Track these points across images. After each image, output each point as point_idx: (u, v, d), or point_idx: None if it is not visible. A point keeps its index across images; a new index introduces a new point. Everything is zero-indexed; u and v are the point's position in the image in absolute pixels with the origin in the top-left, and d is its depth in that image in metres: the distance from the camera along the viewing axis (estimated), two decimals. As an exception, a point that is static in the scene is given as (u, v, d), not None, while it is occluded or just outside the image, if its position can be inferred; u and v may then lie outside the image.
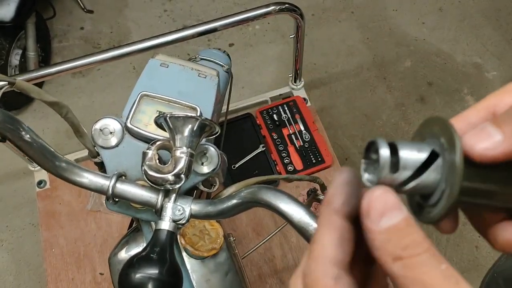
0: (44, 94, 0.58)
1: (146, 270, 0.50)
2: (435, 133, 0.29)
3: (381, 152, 0.27)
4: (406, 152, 0.28)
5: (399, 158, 0.28)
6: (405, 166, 0.28)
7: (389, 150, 0.28)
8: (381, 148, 0.28)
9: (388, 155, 0.27)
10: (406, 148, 0.28)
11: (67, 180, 0.57)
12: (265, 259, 1.29)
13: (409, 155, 0.28)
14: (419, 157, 0.28)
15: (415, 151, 0.28)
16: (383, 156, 0.27)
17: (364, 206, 0.26)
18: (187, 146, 0.55)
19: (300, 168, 1.39)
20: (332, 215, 0.27)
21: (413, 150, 0.28)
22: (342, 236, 0.26)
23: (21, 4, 1.73)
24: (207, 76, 0.71)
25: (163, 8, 2.32)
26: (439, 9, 2.30)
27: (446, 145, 0.28)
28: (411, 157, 0.28)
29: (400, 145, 0.28)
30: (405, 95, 2.06)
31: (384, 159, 0.27)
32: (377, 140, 0.28)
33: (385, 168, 0.27)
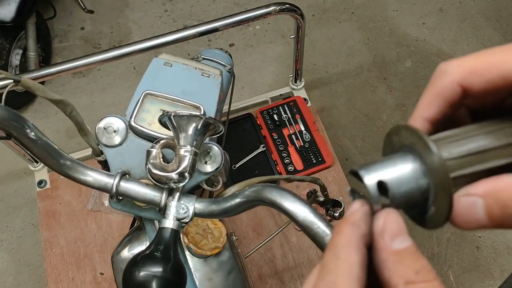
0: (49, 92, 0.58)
1: (150, 268, 0.50)
2: (401, 141, 0.30)
3: (365, 181, 0.28)
4: (389, 172, 0.28)
5: (385, 180, 0.28)
6: (394, 185, 0.28)
7: (373, 178, 0.28)
8: (364, 177, 0.28)
9: (374, 183, 0.28)
10: (387, 167, 0.28)
11: (71, 178, 0.57)
12: (265, 259, 1.29)
13: (392, 173, 0.28)
14: (402, 171, 0.28)
15: (397, 165, 0.28)
16: (369, 185, 0.28)
17: (378, 226, 0.27)
18: (191, 145, 0.55)
19: (301, 168, 1.39)
20: (360, 239, 0.27)
21: (395, 165, 0.28)
22: (363, 260, 0.27)
23: (21, 4, 1.73)
24: (211, 75, 0.71)
25: (163, 9, 2.33)
26: (440, 10, 2.31)
27: (419, 149, 0.28)
28: (395, 174, 0.28)
29: (380, 166, 0.28)
30: (406, 96, 2.06)
31: (373, 191, 0.28)
32: (357, 170, 0.29)
33: (377, 197, 0.28)
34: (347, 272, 0.26)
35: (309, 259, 1.29)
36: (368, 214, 0.28)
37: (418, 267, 0.25)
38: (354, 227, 0.28)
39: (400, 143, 0.30)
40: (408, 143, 0.29)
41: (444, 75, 0.30)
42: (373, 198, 0.28)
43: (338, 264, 0.27)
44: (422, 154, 0.28)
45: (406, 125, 0.29)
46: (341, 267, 0.27)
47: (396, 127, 0.30)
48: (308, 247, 1.30)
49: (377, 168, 0.29)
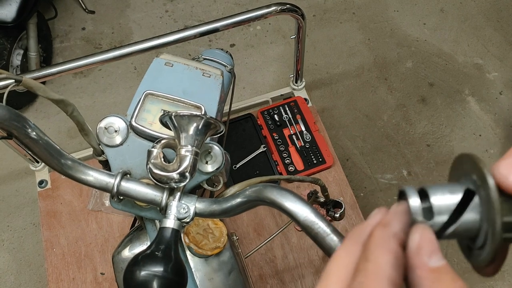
0: (50, 92, 0.58)
1: (151, 268, 0.50)
2: (466, 171, 0.28)
3: (410, 202, 0.27)
4: (438, 197, 0.27)
5: (431, 205, 0.27)
6: (440, 211, 0.27)
7: (419, 199, 0.27)
8: (410, 198, 0.27)
9: (418, 204, 0.27)
10: (437, 193, 0.27)
11: (72, 177, 0.57)
12: (266, 260, 1.29)
13: (441, 200, 0.27)
14: (452, 200, 0.27)
15: (447, 194, 0.27)
16: (413, 206, 0.27)
17: (414, 241, 0.26)
18: (192, 145, 0.55)
19: (301, 168, 1.39)
20: (390, 238, 0.27)
21: (445, 193, 0.27)
22: (397, 259, 0.26)
23: (22, 4, 1.73)
24: (212, 75, 0.71)
25: (164, 9, 2.33)
26: (440, 10, 2.31)
27: (478, 181, 0.27)
28: (444, 201, 0.27)
29: (431, 191, 0.27)
30: (406, 96, 2.06)
31: (414, 209, 0.27)
32: (405, 189, 0.28)
33: (418, 217, 0.27)
34: (377, 272, 0.26)
35: (310, 259, 1.29)
36: (404, 213, 0.27)
37: (456, 286, 0.24)
38: (386, 228, 0.27)
39: (463, 172, 0.29)
40: (468, 173, 0.28)
41: None
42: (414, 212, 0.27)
43: (367, 266, 0.26)
44: (479, 186, 0.27)
45: (470, 154, 0.28)
46: (371, 269, 0.26)
47: (462, 156, 0.29)
48: (308, 247, 1.30)
49: (427, 189, 0.28)
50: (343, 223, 1.32)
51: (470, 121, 2.00)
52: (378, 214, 0.30)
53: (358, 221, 1.34)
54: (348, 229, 1.33)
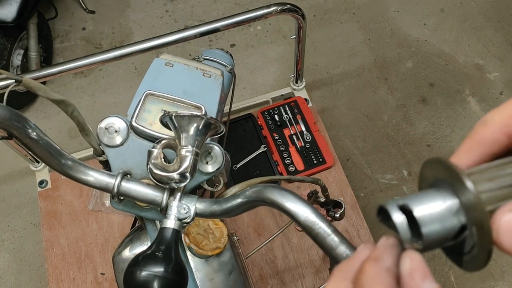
0: (50, 92, 0.58)
1: (152, 268, 0.50)
2: (439, 176, 0.28)
3: (394, 218, 0.26)
4: (421, 209, 0.26)
5: (416, 220, 0.26)
6: (425, 223, 0.26)
7: (402, 214, 0.26)
8: (393, 214, 0.26)
9: (402, 220, 0.26)
10: (418, 204, 0.26)
11: (72, 178, 0.57)
12: (266, 260, 1.29)
13: (424, 211, 0.26)
14: (436, 209, 0.26)
15: (428, 203, 0.27)
16: (398, 222, 0.26)
17: (406, 267, 0.26)
18: (192, 145, 0.55)
19: (301, 168, 1.39)
20: (384, 272, 0.27)
21: (426, 202, 0.27)
22: None
23: (23, 4, 1.73)
24: (212, 75, 0.71)
25: (164, 9, 2.33)
26: (441, 10, 2.31)
27: (456, 186, 0.26)
28: (427, 211, 0.26)
29: (411, 202, 0.27)
30: (407, 96, 2.06)
31: (400, 225, 0.26)
32: (386, 206, 0.27)
33: (407, 234, 0.26)
34: None
35: (310, 260, 1.29)
36: (393, 246, 0.27)
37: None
38: (378, 262, 0.27)
39: (434, 177, 0.28)
40: (441, 178, 0.27)
41: (485, 124, 0.30)
42: (403, 236, 0.26)
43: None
44: (456, 189, 0.26)
45: (439, 158, 0.28)
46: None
47: (430, 160, 0.28)
48: (309, 247, 1.30)
49: (407, 203, 0.27)
50: (344, 223, 1.32)
51: (471, 121, 2.00)
52: (365, 249, 0.30)
53: (358, 221, 1.34)
54: (349, 229, 1.33)
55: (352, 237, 1.31)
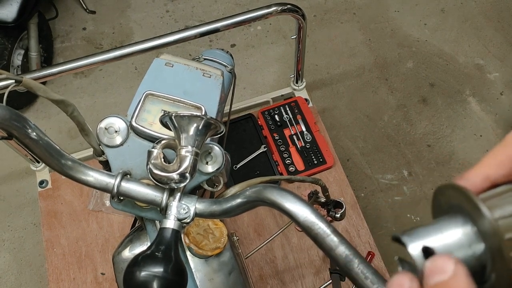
0: (50, 92, 0.58)
1: (151, 268, 0.50)
2: (453, 202, 0.27)
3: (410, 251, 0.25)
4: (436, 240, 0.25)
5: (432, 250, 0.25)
6: None
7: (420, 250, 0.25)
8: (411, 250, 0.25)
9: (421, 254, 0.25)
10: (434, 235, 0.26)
11: (72, 178, 0.57)
12: (266, 260, 1.29)
13: (441, 241, 0.25)
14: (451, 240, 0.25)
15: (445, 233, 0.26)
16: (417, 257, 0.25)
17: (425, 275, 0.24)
18: (192, 145, 0.55)
19: (302, 168, 1.39)
20: None
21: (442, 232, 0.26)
22: None
23: (23, 4, 1.73)
24: (212, 75, 0.71)
25: (165, 9, 2.33)
26: (441, 10, 2.31)
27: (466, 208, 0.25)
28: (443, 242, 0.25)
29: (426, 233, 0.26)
30: (407, 96, 2.06)
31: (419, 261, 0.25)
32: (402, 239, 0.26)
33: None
34: None
35: (310, 260, 1.29)
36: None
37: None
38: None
39: (448, 204, 0.27)
40: (456, 204, 0.26)
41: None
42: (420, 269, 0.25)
43: None
44: (473, 217, 0.25)
45: (452, 184, 0.26)
46: None
47: (443, 187, 0.27)
48: (309, 247, 1.30)
49: (423, 233, 0.26)
50: (344, 223, 1.32)
51: (471, 122, 2.00)
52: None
53: (358, 221, 1.34)
54: (349, 229, 1.33)
55: (352, 237, 1.31)
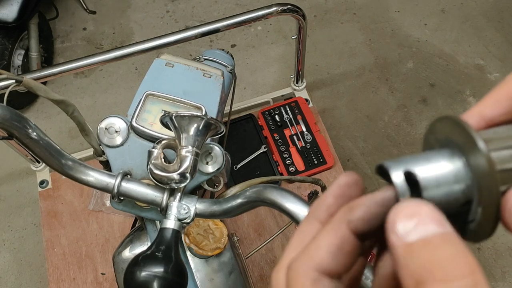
0: (51, 93, 0.58)
1: (152, 268, 0.50)
2: (446, 135, 0.25)
3: (393, 178, 0.23)
4: (424, 170, 0.23)
5: (417, 180, 0.23)
6: (427, 186, 0.23)
7: (403, 175, 0.23)
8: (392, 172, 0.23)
9: (402, 180, 0.23)
10: (420, 164, 0.24)
11: (72, 178, 0.57)
12: (266, 260, 1.29)
13: (427, 172, 0.23)
14: (441, 171, 0.23)
15: (432, 163, 0.24)
16: (397, 182, 0.23)
17: (389, 218, 0.22)
18: (192, 145, 0.55)
19: (302, 169, 1.39)
20: (343, 223, 0.24)
21: (429, 163, 0.24)
22: (342, 247, 0.23)
23: (24, 4, 1.73)
24: (212, 76, 0.71)
25: (165, 9, 2.33)
26: (441, 11, 2.31)
27: (464, 145, 0.23)
28: (431, 174, 0.23)
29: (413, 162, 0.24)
30: (407, 97, 2.06)
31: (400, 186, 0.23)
32: (385, 164, 0.24)
33: (406, 196, 0.23)
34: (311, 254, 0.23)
35: None
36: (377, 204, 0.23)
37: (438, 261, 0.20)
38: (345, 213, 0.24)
39: (440, 136, 0.25)
40: (448, 137, 0.25)
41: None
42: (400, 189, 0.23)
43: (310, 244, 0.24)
44: (464, 147, 0.23)
45: (448, 116, 0.24)
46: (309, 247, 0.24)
47: (435, 120, 0.25)
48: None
49: (409, 162, 0.24)
50: (344, 224, 1.32)
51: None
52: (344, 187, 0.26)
53: (358, 221, 1.34)
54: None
55: (353, 238, 1.31)
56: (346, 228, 0.23)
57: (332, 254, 0.23)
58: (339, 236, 0.23)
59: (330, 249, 0.23)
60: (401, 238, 0.21)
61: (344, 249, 0.23)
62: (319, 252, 0.23)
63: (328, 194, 0.26)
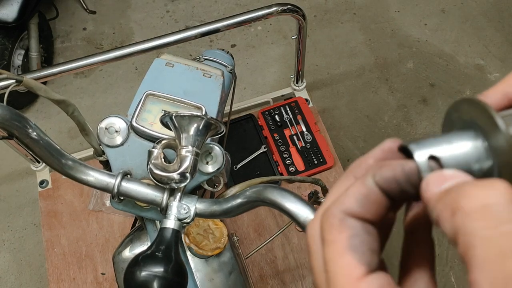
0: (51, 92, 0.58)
1: (152, 268, 0.50)
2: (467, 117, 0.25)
3: (416, 158, 0.25)
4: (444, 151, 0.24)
5: (440, 162, 0.24)
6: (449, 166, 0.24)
7: (426, 157, 0.24)
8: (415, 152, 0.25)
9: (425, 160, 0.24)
10: (442, 145, 0.25)
11: (73, 178, 0.57)
12: (266, 260, 1.29)
13: (449, 151, 0.24)
14: (461, 150, 0.24)
15: (454, 144, 0.25)
16: (420, 162, 0.24)
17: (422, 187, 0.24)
18: (192, 145, 0.55)
19: (302, 169, 1.39)
20: (371, 177, 0.26)
21: (451, 143, 0.25)
22: (367, 195, 0.25)
23: (24, 4, 1.73)
24: (212, 76, 0.71)
25: (165, 9, 2.33)
26: (442, 11, 2.31)
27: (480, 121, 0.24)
28: (452, 152, 0.24)
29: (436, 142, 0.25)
30: (407, 97, 2.06)
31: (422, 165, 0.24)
32: (409, 146, 0.25)
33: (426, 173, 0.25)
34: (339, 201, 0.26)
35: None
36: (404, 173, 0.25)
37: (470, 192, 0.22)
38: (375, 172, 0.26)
39: (461, 118, 0.26)
40: (470, 118, 0.25)
41: None
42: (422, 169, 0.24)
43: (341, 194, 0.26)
44: (486, 130, 0.24)
45: (469, 98, 0.25)
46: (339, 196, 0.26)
47: (457, 101, 0.26)
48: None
49: (431, 143, 0.25)
50: (344, 224, 1.32)
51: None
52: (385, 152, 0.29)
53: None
54: (349, 229, 1.32)
55: (353, 238, 1.31)
56: (372, 181, 0.26)
57: (359, 201, 0.25)
58: (366, 187, 0.26)
59: (357, 196, 0.26)
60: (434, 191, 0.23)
61: (370, 198, 0.26)
62: (348, 199, 0.26)
63: (370, 155, 0.29)
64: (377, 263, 0.25)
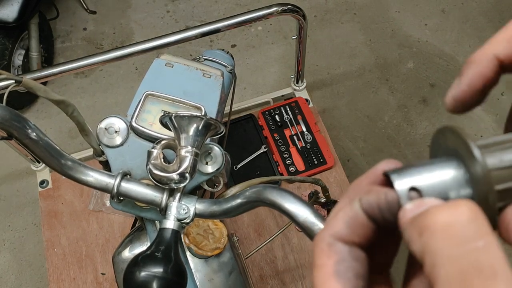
0: (50, 93, 0.58)
1: (151, 268, 0.50)
2: (450, 145, 0.26)
3: (396, 186, 0.25)
4: (424, 178, 0.25)
5: (419, 187, 0.25)
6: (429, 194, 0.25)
7: (407, 186, 0.25)
8: (395, 181, 0.25)
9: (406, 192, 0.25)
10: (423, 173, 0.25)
11: (72, 178, 0.57)
12: (266, 260, 1.29)
13: (428, 180, 0.25)
14: (440, 178, 0.25)
15: (434, 172, 0.25)
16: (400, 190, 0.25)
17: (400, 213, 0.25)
18: (192, 146, 0.55)
19: (302, 169, 1.39)
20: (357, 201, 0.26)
21: (431, 171, 0.25)
22: (355, 218, 0.26)
23: (24, 4, 1.73)
24: (212, 76, 0.71)
25: (165, 9, 2.33)
26: (442, 11, 2.31)
27: (460, 150, 0.25)
28: (431, 181, 0.25)
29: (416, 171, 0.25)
30: (408, 97, 2.06)
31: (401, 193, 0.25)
32: (390, 175, 0.26)
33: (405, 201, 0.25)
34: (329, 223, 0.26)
35: (311, 260, 1.29)
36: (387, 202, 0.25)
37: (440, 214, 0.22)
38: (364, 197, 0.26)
39: (444, 146, 0.26)
40: (453, 146, 0.25)
41: None
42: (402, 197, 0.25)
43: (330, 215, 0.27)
44: (465, 160, 0.24)
45: (451, 127, 0.25)
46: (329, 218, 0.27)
47: (441, 129, 0.26)
48: (309, 248, 1.30)
49: (413, 172, 0.25)
50: (344, 224, 1.32)
51: (472, 122, 2.00)
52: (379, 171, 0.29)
53: (358, 222, 1.34)
54: (349, 230, 1.32)
55: (353, 238, 1.31)
56: (358, 205, 0.26)
57: (346, 223, 0.26)
58: (353, 210, 0.26)
59: (344, 219, 0.26)
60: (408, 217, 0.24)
61: (357, 221, 0.26)
62: (337, 222, 0.26)
63: (364, 177, 0.29)
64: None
